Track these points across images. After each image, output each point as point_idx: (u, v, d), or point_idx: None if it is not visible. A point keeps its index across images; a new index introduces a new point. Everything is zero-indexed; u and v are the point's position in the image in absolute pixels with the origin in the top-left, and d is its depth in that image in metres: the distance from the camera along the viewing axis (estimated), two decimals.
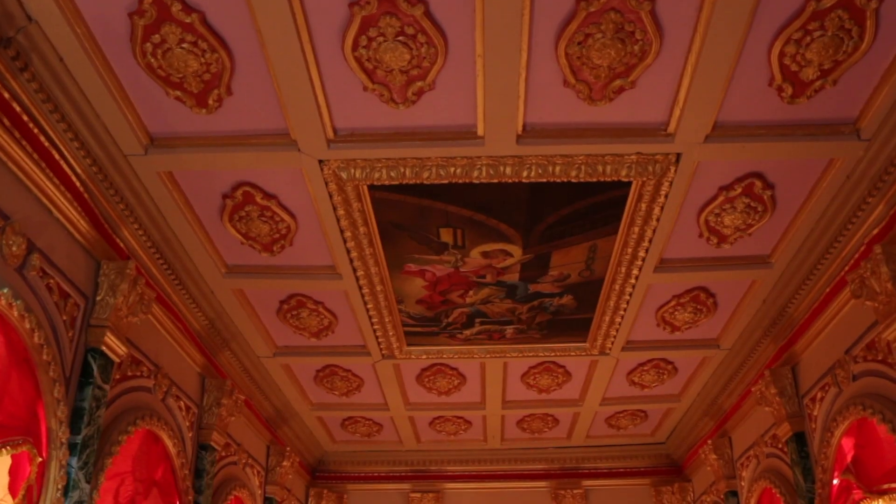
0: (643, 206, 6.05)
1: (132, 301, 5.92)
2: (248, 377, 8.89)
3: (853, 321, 6.48)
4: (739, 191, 5.97)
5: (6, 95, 4.42)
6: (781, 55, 4.71)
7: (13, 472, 4.88)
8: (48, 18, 4.37)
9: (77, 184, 5.24)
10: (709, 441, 10.19)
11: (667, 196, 5.92)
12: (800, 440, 7.56)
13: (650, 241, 6.52)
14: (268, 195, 5.98)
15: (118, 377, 6.05)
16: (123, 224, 5.86)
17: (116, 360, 5.82)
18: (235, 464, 8.95)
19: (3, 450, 4.60)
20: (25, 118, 4.60)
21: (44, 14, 4.34)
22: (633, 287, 7.24)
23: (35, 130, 4.71)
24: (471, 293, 7.46)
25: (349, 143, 5.37)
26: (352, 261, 6.75)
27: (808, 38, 4.59)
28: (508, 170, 5.55)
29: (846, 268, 6.28)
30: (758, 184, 5.89)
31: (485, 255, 6.77)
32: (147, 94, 4.96)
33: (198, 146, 5.41)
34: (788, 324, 7.48)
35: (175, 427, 7.12)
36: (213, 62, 4.69)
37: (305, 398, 10.13)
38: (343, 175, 5.62)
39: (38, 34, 4.42)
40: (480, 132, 5.27)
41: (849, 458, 6.53)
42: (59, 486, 5.01)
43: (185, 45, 4.56)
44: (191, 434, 7.59)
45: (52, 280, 5.16)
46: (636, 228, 6.34)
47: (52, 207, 5.11)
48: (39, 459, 4.86)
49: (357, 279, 7.04)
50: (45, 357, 4.91)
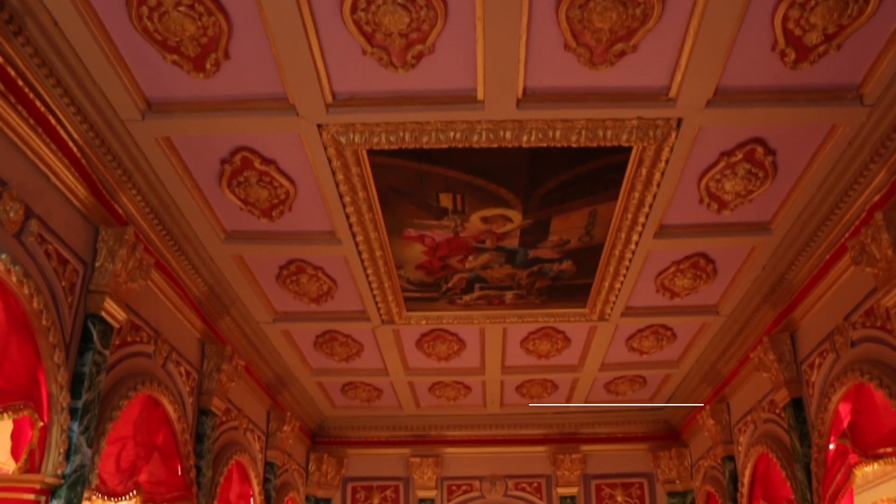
0: (643, 172, 6.02)
1: (131, 267, 5.91)
2: (248, 343, 8.92)
3: (852, 288, 6.48)
4: (741, 156, 5.94)
5: (0, 60, 4.37)
6: (785, 19, 4.65)
7: (15, 437, 4.93)
8: None
9: (74, 149, 5.21)
10: (707, 406, 10.25)
11: (667, 161, 5.89)
12: (797, 406, 7.61)
13: (650, 207, 6.50)
14: (266, 160, 5.94)
15: (118, 343, 6.07)
16: (121, 190, 5.83)
17: (116, 326, 5.84)
18: (236, 429, 9.00)
19: (5, 414, 4.64)
20: (21, 83, 4.55)
21: None
22: (633, 253, 7.23)
23: (31, 95, 4.67)
24: (470, 258, 7.45)
25: (348, 108, 5.33)
26: (351, 226, 6.73)
27: (813, 2, 4.53)
28: (508, 134, 5.52)
29: (846, 234, 6.27)
30: (759, 150, 5.85)
31: (484, 221, 6.75)
32: (143, 59, 4.91)
33: (195, 111, 5.36)
34: (788, 290, 7.48)
35: (175, 392, 7.15)
36: (211, 25, 4.63)
37: (305, 364, 10.16)
38: (342, 140, 5.59)
39: None
40: (480, 96, 5.23)
41: (845, 424, 6.57)
42: (61, 451, 5.05)
43: (182, 9, 4.50)
44: (191, 399, 7.63)
45: (51, 246, 5.15)
46: (636, 194, 6.31)
47: (50, 173, 5.08)
48: (41, 424, 4.90)
49: (356, 244, 7.03)
50: (45, 322, 4.92)
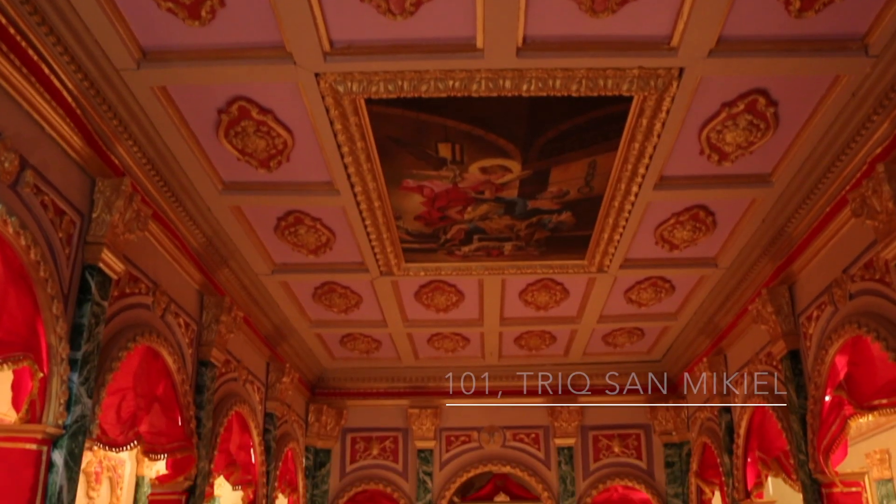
0: (644, 122, 5.97)
1: (128, 218, 5.88)
2: (247, 294, 8.93)
3: (852, 240, 6.47)
4: (742, 107, 5.88)
5: None
6: None
7: (16, 388, 4.96)
8: None
9: (69, 99, 5.14)
10: (704, 359, 10.31)
11: (668, 112, 5.84)
12: (794, 358, 7.64)
13: (650, 158, 6.45)
14: (263, 110, 5.88)
15: (116, 294, 6.07)
16: (118, 140, 5.78)
17: (114, 278, 5.83)
18: (236, 380, 9.06)
19: (4, 365, 4.67)
20: (12, 31, 4.48)
21: None
22: (633, 204, 7.21)
23: (23, 44, 4.60)
24: (469, 209, 7.42)
25: (346, 56, 5.25)
26: (349, 176, 6.69)
27: None
28: (508, 83, 5.45)
29: (847, 187, 6.24)
30: (761, 100, 5.79)
31: (483, 171, 6.71)
32: (138, 6, 4.82)
33: (191, 60, 5.28)
34: (787, 243, 7.47)
35: (175, 343, 7.17)
36: None
37: (304, 315, 10.20)
38: (340, 89, 5.52)
39: None
40: (480, 44, 5.15)
41: (842, 376, 6.61)
42: (62, 401, 5.08)
43: None
44: (190, 351, 7.66)
45: (47, 197, 5.11)
46: (636, 145, 6.26)
47: (45, 123, 5.02)
48: (41, 375, 4.92)
49: (355, 195, 7.00)
50: (42, 274, 4.91)
